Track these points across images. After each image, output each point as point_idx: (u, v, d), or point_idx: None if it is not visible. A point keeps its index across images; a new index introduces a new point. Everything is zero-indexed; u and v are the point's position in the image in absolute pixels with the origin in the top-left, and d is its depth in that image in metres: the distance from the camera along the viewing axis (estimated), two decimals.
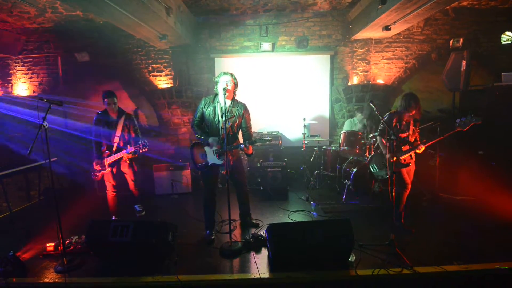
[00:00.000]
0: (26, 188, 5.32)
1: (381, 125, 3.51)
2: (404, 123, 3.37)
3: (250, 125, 3.44)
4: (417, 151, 3.29)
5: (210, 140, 3.22)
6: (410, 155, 3.37)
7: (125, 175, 3.95)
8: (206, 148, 3.28)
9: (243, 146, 3.17)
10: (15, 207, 4.72)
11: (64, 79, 6.07)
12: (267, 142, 3.25)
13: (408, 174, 3.45)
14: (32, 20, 5.54)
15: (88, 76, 6.13)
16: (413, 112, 3.28)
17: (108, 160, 3.74)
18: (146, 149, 3.65)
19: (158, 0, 3.91)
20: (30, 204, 5.07)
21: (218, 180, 3.53)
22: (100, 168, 3.77)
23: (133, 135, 3.86)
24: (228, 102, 3.24)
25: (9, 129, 5.66)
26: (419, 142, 3.35)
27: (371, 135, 4.66)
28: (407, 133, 3.39)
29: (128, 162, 3.86)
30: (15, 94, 6.06)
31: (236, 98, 3.38)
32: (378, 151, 3.77)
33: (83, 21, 5.71)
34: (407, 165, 3.36)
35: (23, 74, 6.08)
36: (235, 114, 3.27)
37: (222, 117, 3.14)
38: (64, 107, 4.11)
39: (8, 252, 2.82)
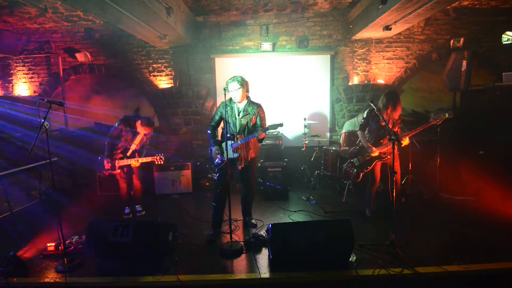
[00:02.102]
0: (27, 188, 5.32)
1: (362, 121, 3.80)
2: (386, 120, 3.57)
3: (265, 123, 3.53)
4: (402, 141, 3.39)
5: (214, 149, 3.43)
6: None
7: (133, 175, 4.09)
8: (223, 145, 3.37)
9: (255, 135, 3.29)
10: (15, 207, 4.72)
11: (64, 79, 6.08)
12: (279, 127, 3.32)
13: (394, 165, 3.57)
14: (33, 20, 5.55)
15: (88, 76, 6.14)
16: (389, 111, 3.54)
17: (120, 163, 3.90)
18: (162, 162, 3.98)
19: (158, 0, 3.91)
20: (31, 204, 5.07)
21: (233, 178, 3.60)
22: (110, 168, 3.90)
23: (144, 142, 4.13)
24: (244, 104, 3.41)
25: (10, 129, 5.66)
26: (399, 134, 3.50)
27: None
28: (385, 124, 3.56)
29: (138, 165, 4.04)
30: (16, 94, 6.07)
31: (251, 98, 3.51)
32: (360, 144, 3.85)
33: (84, 21, 5.72)
34: (381, 157, 3.62)
35: (23, 74, 6.09)
36: (250, 113, 3.41)
37: (238, 115, 3.39)
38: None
39: (9, 252, 2.82)
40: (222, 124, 3.47)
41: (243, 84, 3.34)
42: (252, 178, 3.59)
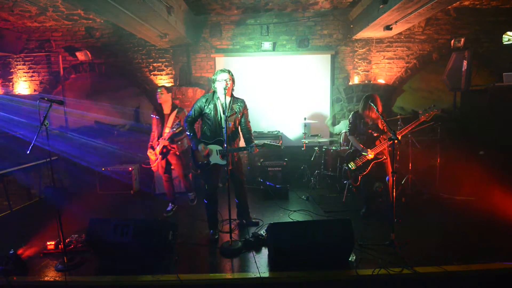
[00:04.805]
0: (27, 186, 5.33)
1: (350, 125, 3.83)
2: (369, 121, 3.65)
3: (249, 121, 3.49)
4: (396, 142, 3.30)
5: (199, 147, 3.23)
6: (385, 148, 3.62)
7: (172, 166, 4.18)
8: (209, 147, 3.26)
9: (250, 150, 3.23)
10: (15, 205, 4.72)
11: (65, 78, 6.08)
12: (271, 148, 3.28)
13: (386, 166, 3.66)
14: (33, 19, 5.54)
15: (89, 75, 6.13)
16: (370, 113, 3.58)
17: (159, 144, 3.98)
18: (178, 130, 3.86)
19: None
20: (31, 202, 5.07)
21: (219, 179, 3.54)
22: (155, 157, 4.03)
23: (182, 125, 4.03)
24: (228, 99, 3.25)
25: (10, 127, 5.66)
26: (390, 134, 3.35)
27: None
28: (378, 126, 3.63)
29: (177, 154, 4.06)
30: (16, 93, 6.07)
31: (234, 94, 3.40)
32: (353, 148, 3.86)
33: (84, 20, 5.71)
34: (376, 158, 3.60)
35: (24, 72, 6.09)
36: (236, 111, 3.30)
37: (224, 114, 3.13)
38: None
39: (9, 250, 2.82)
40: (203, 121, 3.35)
41: (233, 78, 3.25)
42: (241, 174, 3.53)
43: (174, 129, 3.80)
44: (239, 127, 3.46)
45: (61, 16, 5.44)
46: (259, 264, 2.79)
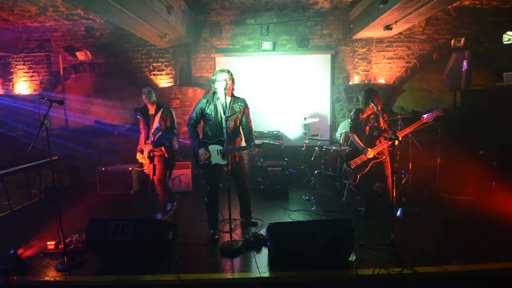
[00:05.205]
0: (27, 186, 5.33)
1: (351, 122, 3.77)
2: (373, 116, 3.61)
3: (250, 120, 3.48)
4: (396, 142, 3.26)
5: (200, 151, 3.22)
6: (385, 148, 3.59)
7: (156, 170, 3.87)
8: (210, 147, 3.27)
9: (250, 150, 3.23)
10: (16, 205, 4.72)
11: (65, 78, 6.07)
12: (270, 147, 3.28)
13: (385, 167, 3.62)
14: (33, 19, 5.54)
15: (88, 75, 6.13)
16: (371, 106, 3.49)
17: (146, 148, 3.79)
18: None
19: None
20: (31, 202, 5.08)
21: (220, 179, 3.54)
22: (144, 161, 3.85)
23: (168, 125, 3.82)
24: (228, 99, 3.25)
25: (10, 127, 5.67)
26: (389, 132, 3.37)
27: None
28: (379, 125, 3.60)
29: (166, 156, 3.82)
30: (16, 93, 6.07)
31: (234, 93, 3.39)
32: (352, 147, 3.85)
33: (84, 20, 5.71)
34: (375, 157, 3.57)
35: (24, 72, 6.08)
36: (236, 110, 3.30)
37: (224, 114, 3.12)
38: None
39: (9, 250, 2.82)
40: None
41: (233, 77, 3.25)
42: (243, 174, 3.52)
43: (155, 133, 3.66)
44: (241, 126, 3.46)
45: (61, 16, 5.43)
46: (259, 264, 2.79)
